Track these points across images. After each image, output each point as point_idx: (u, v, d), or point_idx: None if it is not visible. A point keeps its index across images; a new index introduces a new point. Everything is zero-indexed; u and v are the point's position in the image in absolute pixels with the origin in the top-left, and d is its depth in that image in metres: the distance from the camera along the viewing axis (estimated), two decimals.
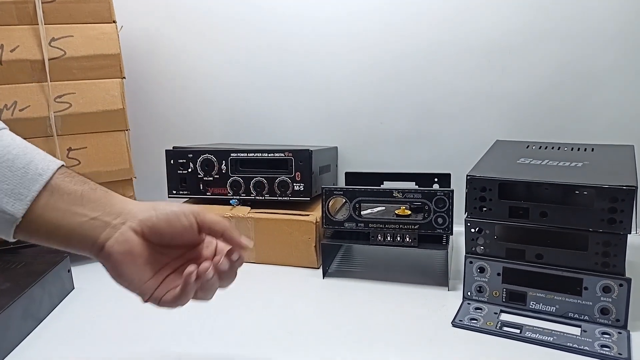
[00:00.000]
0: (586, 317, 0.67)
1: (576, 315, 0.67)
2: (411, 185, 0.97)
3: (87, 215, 0.45)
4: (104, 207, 0.46)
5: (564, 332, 0.65)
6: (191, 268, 0.46)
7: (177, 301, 0.48)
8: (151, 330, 0.70)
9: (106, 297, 0.81)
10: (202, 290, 0.49)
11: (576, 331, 0.65)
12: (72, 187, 0.46)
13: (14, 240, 0.46)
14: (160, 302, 0.48)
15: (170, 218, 0.47)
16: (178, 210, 0.48)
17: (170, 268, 0.51)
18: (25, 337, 0.69)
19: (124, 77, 0.96)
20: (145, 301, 0.49)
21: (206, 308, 0.76)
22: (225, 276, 0.50)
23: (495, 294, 0.72)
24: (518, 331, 0.66)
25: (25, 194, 0.43)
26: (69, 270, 0.83)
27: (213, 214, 0.50)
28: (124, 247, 0.46)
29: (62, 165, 0.47)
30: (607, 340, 0.63)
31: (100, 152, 0.94)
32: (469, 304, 0.73)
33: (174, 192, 0.98)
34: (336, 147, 1.15)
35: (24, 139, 0.90)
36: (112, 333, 0.70)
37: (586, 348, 0.61)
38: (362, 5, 1.07)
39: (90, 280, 0.87)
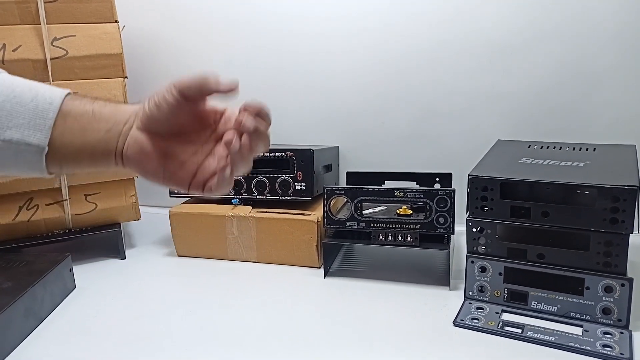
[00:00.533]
0: (588, 317, 0.67)
1: (578, 315, 0.67)
2: (412, 184, 0.97)
3: (102, 129, 0.47)
4: (115, 117, 0.47)
5: (565, 332, 0.65)
6: (222, 162, 0.46)
7: (220, 189, 0.48)
8: (152, 329, 0.70)
9: (108, 296, 0.82)
10: (240, 160, 0.47)
11: (578, 331, 0.65)
12: (83, 108, 0.47)
13: (51, 175, 0.47)
14: (204, 190, 0.48)
15: (157, 101, 0.46)
16: (161, 89, 0.47)
17: (202, 154, 0.49)
18: (27, 336, 0.69)
19: (126, 77, 0.96)
20: (188, 191, 0.49)
21: (207, 307, 0.76)
22: (257, 137, 0.47)
23: (497, 293, 0.72)
24: (520, 331, 0.66)
25: (43, 123, 0.45)
26: (71, 270, 0.83)
27: (190, 75, 0.46)
28: (136, 148, 0.47)
29: (69, 93, 0.48)
30: (609, 340, 0.63)
31: None
32: (470, 303, 0.73)
33: (176, 192, 0.98)
34: (337, 147, 1.15)
35: None
36: (114, 332, 0.70)
37: (588, 348, 0.61)
38: (363, 5, 1.07)
39: (92, 279, 0.87)
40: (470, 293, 0.74)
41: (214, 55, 1.18)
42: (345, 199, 0.84)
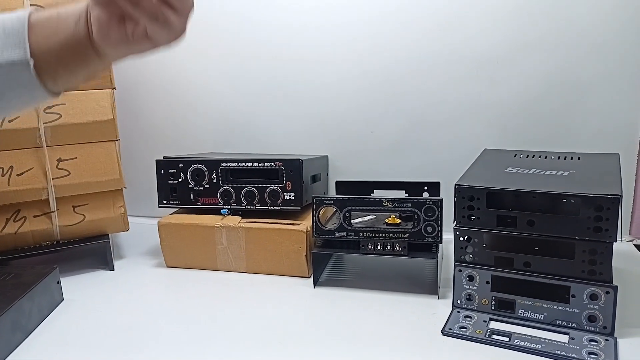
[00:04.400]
0: (574, 325, 0.68)
1: (564, 323, 0.68)
2: (401, 194, 0.97)
3: (71, 23, 0.48)
4: (78, 9, 0.49)
5: (552, 340, 0.66)
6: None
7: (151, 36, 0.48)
8: (141, 341, 0.70)
9: (96, 308, 0.81)
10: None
11: (564, 339, 0.66)
12: (48, 15, 0.49)
13: (54, 95, 0.50)
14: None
15: None
16: None
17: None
18: (14, 350, 0.68)
19: (115, 88, 0.96)
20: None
21: (197, 318, 0.76)
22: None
23: (485, 302, 0.73)
24: (507, 339, 0.66)
25: (17, 40, 0.47)
26: (59, 282, 0.83)
27: None
28: (96, 23, 0.47)
29: (32, 10, 0.49)
30: (595, 347, 0.63)
31: (91, 162, 0.94)
32: (458, 312, 0.74)
33: (165, 202, 0.98)
34: (327, 156, 1.15)
35: (14, 149, 0.90)
36: (102, 344, 0.70)
37: (574, 355, 0.62)
38: (352, 15, 1.08)
39: (80, 291, 0.87)
40: (459, 302, 0.75)
41: (204, 65, 1.18)
42: (335, 209, 0.84)
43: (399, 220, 0.85)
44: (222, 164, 0.94)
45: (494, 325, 0.70)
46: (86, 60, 0.50)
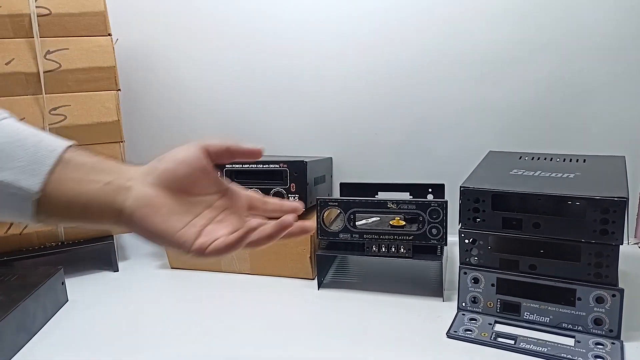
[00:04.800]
0: (580, 328, 0.67)
1: (570, 326, 0.68)
2: (405, 195, 0.97)
3: (102, 181, 0.46)
4: (117, 173, 0.47)
5: (558, 343, 0.65)
6: (253, 223, 0.45)
7: (224, 253, 0.46)
8: (145, 343, 0.70)
9: (100, 309, 0.81)
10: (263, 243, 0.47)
11: (570, 342, 0.66)
12: (84, 159, 0.47)
13: (38, 223, 0.46)
14: (206, 252, 0.46)
15: (177, 157, 0.49)
16: (182, 148, 0.50)
17: (206, 219, 0.49)
18: (19, 351, 0.68)
19: (119, 90, 0.96)
20: (189, 252, 0.47)
21: (201, 320, 0.76)
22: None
23: (490, 304, 0.73)
24: (512, 342, 0.66)
25: (39, 169, 0.44)
26: (63, 283, 0.83)
27: (219, 139, 0.50)
28: (142, 201, 0.46)
29: (72, 145, 0.48)
30: (601, 350, 0.63)
31: None
32: (463, 314, 0.74)
33: None
34: (331, 158, 1.15)
35: None
36: (106, 345, 0.70)
37: (580, 359, 0.62)
38: (356, 18, 1.08)
39: (85, 292, 0.87)
40: (464, 304, 0.74)
41: (208, 67, 1.18)
42: (339, 211, 0.84)
43: (404, 222, 0.85)
44: (227, 166, 0.94)
45: (499, 328, 0.70)
46: (97, 220, 0.47)
